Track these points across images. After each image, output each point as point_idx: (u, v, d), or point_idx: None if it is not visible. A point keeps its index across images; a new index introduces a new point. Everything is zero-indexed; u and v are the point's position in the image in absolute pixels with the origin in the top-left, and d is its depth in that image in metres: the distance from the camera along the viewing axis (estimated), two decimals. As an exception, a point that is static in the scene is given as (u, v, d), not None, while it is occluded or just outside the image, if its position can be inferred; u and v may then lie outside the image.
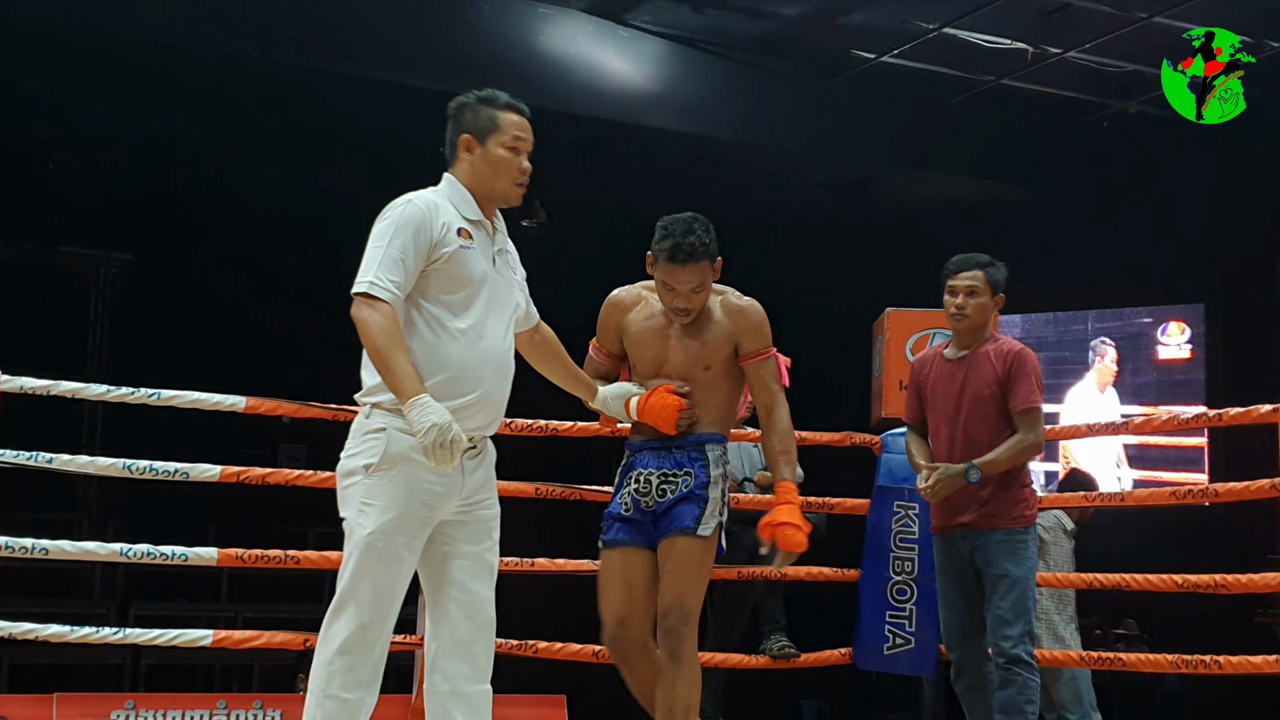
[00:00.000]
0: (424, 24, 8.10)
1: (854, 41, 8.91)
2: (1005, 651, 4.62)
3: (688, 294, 3.95)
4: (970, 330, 4.76)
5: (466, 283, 3.32)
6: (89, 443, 9.95)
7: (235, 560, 5.02)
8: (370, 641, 3.23)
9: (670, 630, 3.88)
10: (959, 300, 4.74)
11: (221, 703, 5.24)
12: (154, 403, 4.94)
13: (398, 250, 3.25)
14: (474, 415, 3.33)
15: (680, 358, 4.01)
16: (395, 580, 3.26)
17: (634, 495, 4.00)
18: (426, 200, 3.35)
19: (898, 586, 5.89)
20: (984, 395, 4.66)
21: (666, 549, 3.93)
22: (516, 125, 3.46)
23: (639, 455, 4.04)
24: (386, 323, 3.20)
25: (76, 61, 8.05)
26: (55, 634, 4.78)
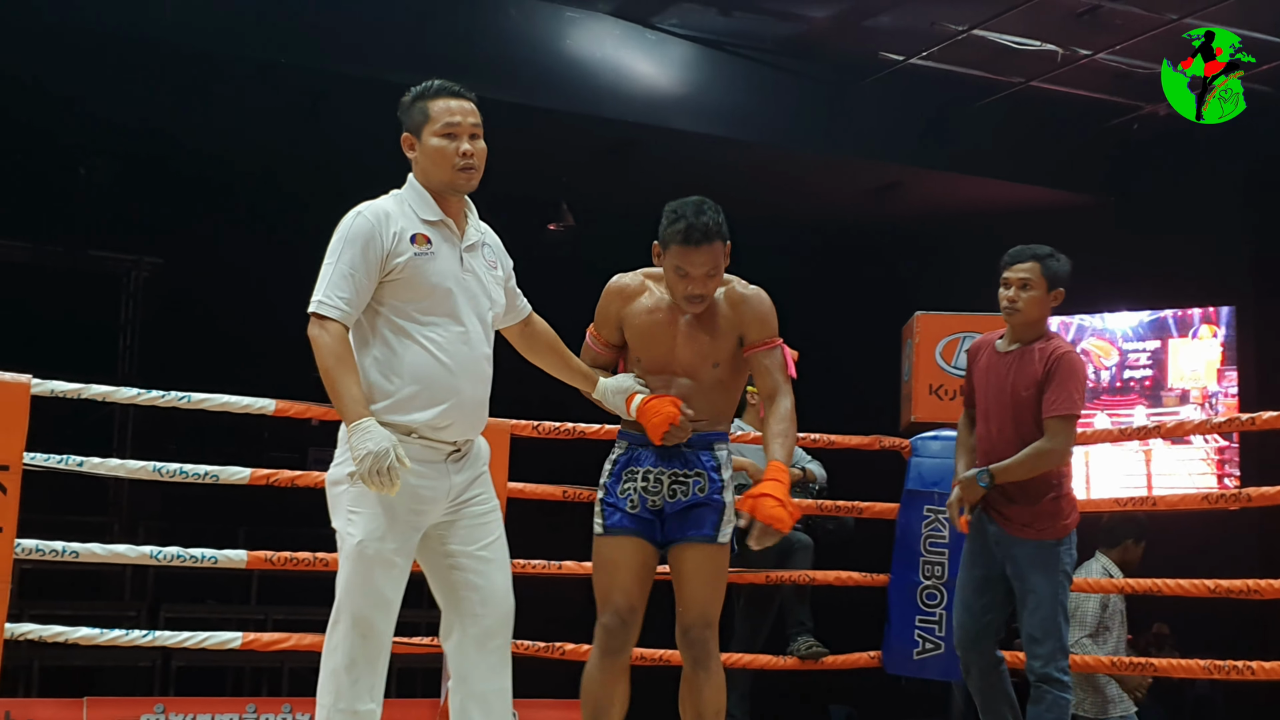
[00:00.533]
0: (451, 29, 8.11)
1: (882, 43, 8.88)
2: (1035, 670, 4.52)
3: (703, 278, 3.77)
4: (1023, 325, 4.57)
5: (429, 291, 3.26)
6: (119, 445, 10.00)
7: (265, 563, 5.04)
8: (373, 652, 3.20)
9: (697, 640, 3.79)
10: (1011, 293, 4.56)
11: (251, 706, 5.26)
12: (184, 406, 4.96)
13: (346, 265, 3.22)
14: (449, 423, 3.28)
15: (688, 355, 3.85)
16: (390, 586, 3.22)
17: (642, 494, 3.83)
18: (376, 210, 3.31)
19: (927, 591, 5.87)
20: (1022, 396, 4.51)
21: (685, 556, 3.81)
22: (449, 110, 3.34)
23: (643, 450, 3.86)
24: (333, 343, 3.19)
25: (106, 67, 8.09)
26: (85, 636, 4.80)
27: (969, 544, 4.73)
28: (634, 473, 3.85)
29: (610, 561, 3.82)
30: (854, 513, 5.97)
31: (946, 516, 5.84)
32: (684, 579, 3.81)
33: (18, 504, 4.53)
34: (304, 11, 7.92)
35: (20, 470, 4.53)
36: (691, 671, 3.80)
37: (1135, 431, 6.61)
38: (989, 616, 4.65)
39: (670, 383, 3.85)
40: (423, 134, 3.36)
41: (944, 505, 5.84)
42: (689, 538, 3.80)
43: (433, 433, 3.26)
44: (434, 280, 3.27)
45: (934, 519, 5.85)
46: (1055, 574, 4.51)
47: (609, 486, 3.88)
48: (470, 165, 3.34)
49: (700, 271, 3.75)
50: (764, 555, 6.11)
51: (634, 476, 3.84)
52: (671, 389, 3.85)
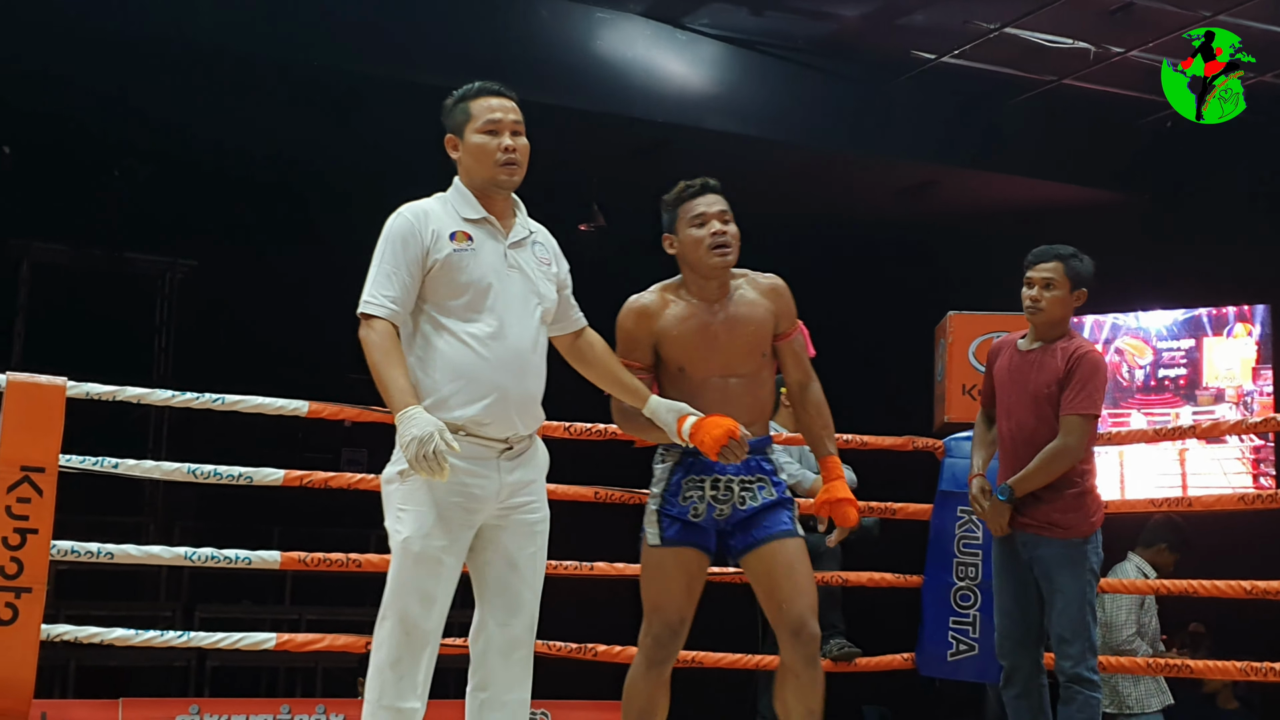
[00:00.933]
0: (483, 30, 8.12)
1: (914, 42, 8.86)
2: (1066, 671, 4.51)
3: (720, 217, 3.81)
4: (1045, 324, 4.57)
5: (467, 286, 3.28)
6: (154, 446, 10.06)
7: (298, 564, 5.06)
8: (417, 648, 3.22)
9: (812, 636, 3.77)
10: (1034, 292, 4.56)
11: (285, 707, 5.28)
12: (218, 408, 4.98)
13: (389, 265, 3.28)
14: (495, 418, 3.28)
15: (739, 347, 3.83)
16: (436, 584, 3.22)
17: (711, 501, 3.81)
18: (416, 209, 3.36)
19: (961, 592, 5.85)
20: (1043, 394, 4.50)
21: (774, 553, 3.78)
22: (489, 108, 3.39)
23: (706, 459, 3.76)
24: (381, 340, 3.24)
25: (141, 69, 8.13)
26: (121, 638, 4.83)
27: (998, 548, 4.72)
28: (698, 481, 3.82)
29: (665, 573, 3.81)
30: (887, 513, 5.95)
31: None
32: (782, 572, 3.77)
33: (54, 506, 4.56)
34: (337, 14, 7.95)
35: (56, 472, 4.56)
36: (802, 669, 3.76)
37: (1170, 432, 6.55)
38: (1030, 620, 4.64)
39: (725, 384, 3.82)
40: (465, 133, 3.40)
41: (978, 506, 5.83)
42: (775, 533, 3.78)
43: (479, 429, 3.26)
44: (473, 276, 3.29)
45: (968, 520, 5.83)
46: (1083, 573, 4.50)
47: (667, 497, 3.84)
48: (512, 160, 3.36)
49: (715, 211, 3.80)
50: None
51: (699, 485, 3.82)
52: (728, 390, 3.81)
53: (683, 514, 3.80)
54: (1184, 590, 5.38)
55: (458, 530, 3.25)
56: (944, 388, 6.38)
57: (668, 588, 3.79)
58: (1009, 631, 4.67)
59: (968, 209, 10.48)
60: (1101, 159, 9.89)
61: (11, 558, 4.47)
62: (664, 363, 3.88)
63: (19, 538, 4.48)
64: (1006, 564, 4.67)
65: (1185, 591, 5.38)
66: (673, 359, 3.85)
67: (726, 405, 3.75)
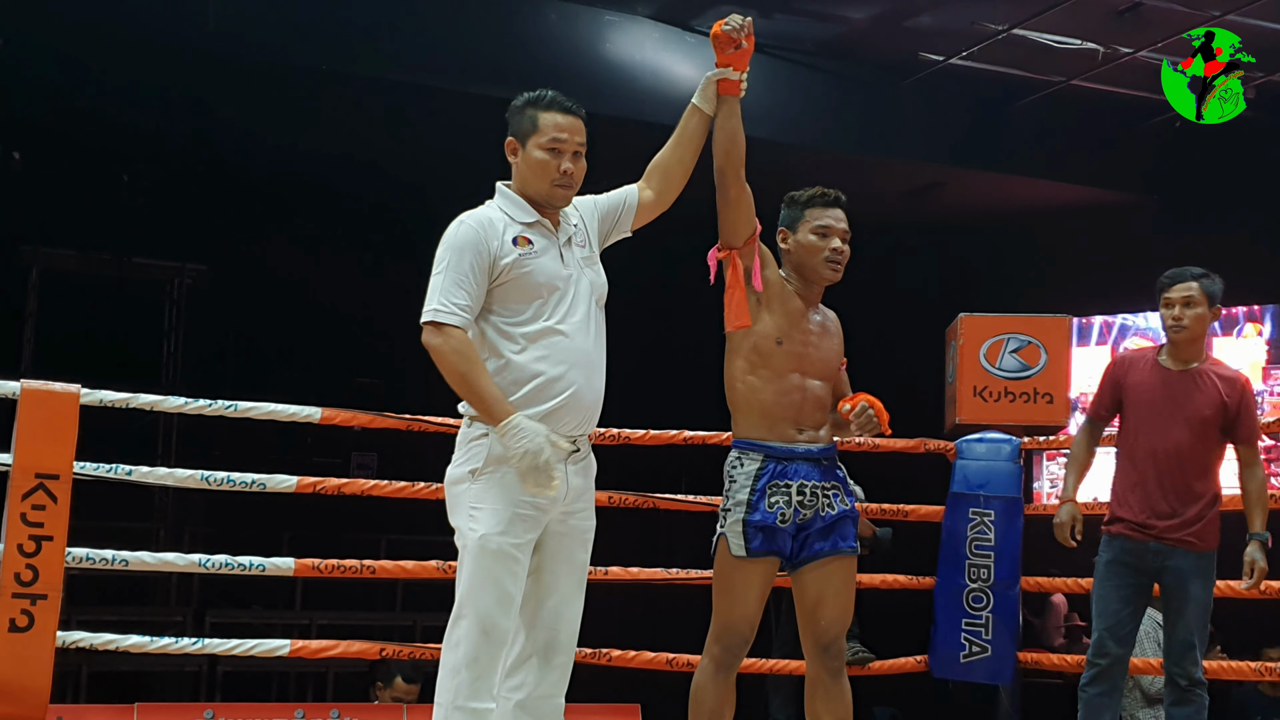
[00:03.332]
0: (493, 33, 8.12)
1: (922, 44, 8.85)
2: (1190, 674, 4.65)
3: (843, 234, 3.90)
4: (1189, 342, 4.72)
5: (537, 290, 3.29)
6: (164, 450, 10.07)
7: (312, 570, 5.06)
8: (495, 648, 3.20)
9: (840, 650, 3.86)
10: (1175, 312, 4.73)
11: (299, 712, 5.28)
12: (231, 414, 4.99)
13: (456, 272, 3.24)
14: (567, 417, 3.29)
15: (826, 351, 3.91)
16: (512, 582, 3.22)
17: (798, 507, 3.78)
18: (478, 217, 3.33)
19: (974, 594, 5.85)
20: (1205, 416, 4.65)
21: (834, 570, 3.83)
22: (557, 126, 3.37)
23: (794, 464, 3.80)
24: (461, 346, 3.20)
25: (148, 72, 8.14)
26: (135, 644, 4.84)
27: (1116, 546, 4.76)
28: (785, 486, 3.78)
29: (745, 585, 3.79)
30: (899, 515, 5.95)
31: (992, 519, 5.83)
32: (833, 591, 3.82)
33: (68, 513, 4.57)
34: (345, 19, 7.95)
35: (70, 479, 4.57)
36: (831, 681, 3.84)
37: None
38: (1134, 623, 4.79)
39: (805, 382, 3.83)
40: (528, 143, 3.38)
41: (989, 508, 5.85)
42: (840, 550, 3.83)
43: (556, 428, 3.25)
44: (540, 279, 3.29)
45: (979, 521, 5.84)
46: (1210, 583, 4.71)
47: (753, 503, 3.77)
48: (568, 184, 3.39)
49: (840, 228, 3.89)
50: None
51: (784, 490, 3.78)
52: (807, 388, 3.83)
53: (768, 520, 3.76)
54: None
55: (529, 528, 3.26)
56: (955, 389, 6.37)
57: (746, 599, 3.79)
58: (1114, 631, 4.75)
59: (976, 210, 10.47)
60: (1110, 159, 9.88)
61: (27, 565, 4.48)
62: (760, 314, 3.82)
63: (34, 545, 4.49)
64: (1128, 565, 4.74)
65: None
66: (772, 322, 3.81)
67: (804, 399, 3.81)
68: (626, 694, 5.92)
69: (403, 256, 10.64)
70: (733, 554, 3.78)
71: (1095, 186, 10.07)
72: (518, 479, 3.17)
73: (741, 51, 3.63)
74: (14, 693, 4.44)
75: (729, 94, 3.62)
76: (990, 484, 5.91)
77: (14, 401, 4.62)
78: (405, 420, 5.10)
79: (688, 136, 3.64)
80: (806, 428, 3.83)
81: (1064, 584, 6.01)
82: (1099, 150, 9.81)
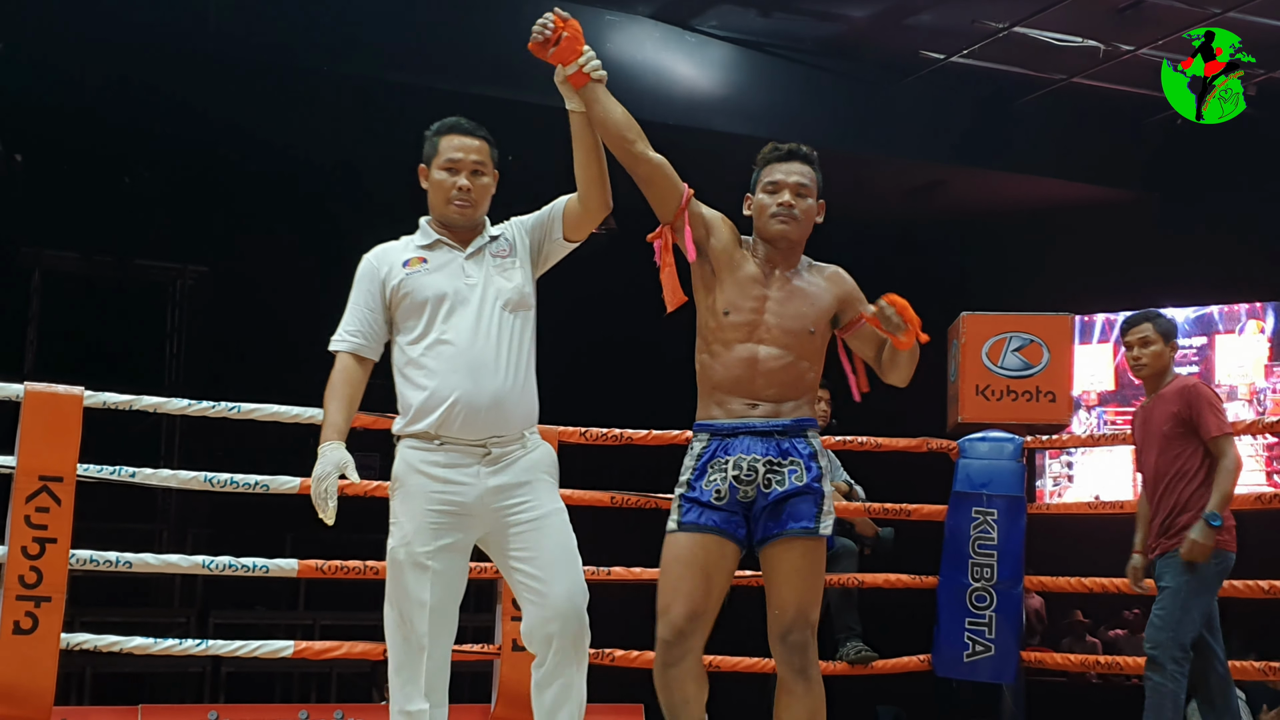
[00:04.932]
0: (492, 34, 8.12)
1: (923, 42, 8.85)
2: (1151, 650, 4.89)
3: (796, 187, 3.62)
4: (1151, 376, 5.08)
5: (423, 304, 3.45)
6: (166, 451, 10.07)
7: (315, 571, 5.07)
8: (414, 651, 3.34)
9: (799, 645, 3.48)
10: (1134, 353, 5.09)
11: (303, 713, 5.29)
12: (234, 416, 4.99)
13: (352, 303, 3.52)
14: (459, 421, 3.38)
15: (786, 313, 3.56)
16: (421, 589, 3.34)
17: (733, 483, 3.48)
18: (378, 249, 3.57)
19: (977, 593, 5.85)
20: (1164, 432, 4.96)
21: (784, 551, 3.48)
22: (452, 146, 3.53)
23: (735, 439, 3.52)
24: (334, 374, 3.47)
25: (150, 75, 8.15)
26: (139, 646, 4.84)
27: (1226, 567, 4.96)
28: (723, 463, 3.50)
29: (678, 561, 3.49)
30: (902, 515, 5.95)
31: (995, 518, 5.84)
32: (783, 577, 3.48)
33: (72, 515, 4.58)
34: (346, 21, 7.96)
35: (74, 482, 4.58)
36: (792, 681, 3.50)
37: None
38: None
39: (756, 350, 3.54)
40: (431, 167, 3.55)
41: (992, 507, 5.86)
42: (789, 531, 3.48)
43: (450, 434, 3.37)
44: (426, 293, 3.45)
45: (982, 520, 5.84)
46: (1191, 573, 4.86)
47: (691, 482, 3.53)
48: (464, 200, 3.50)
49: (791, 181, 3.64)
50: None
51: (723, 467, 3.50)
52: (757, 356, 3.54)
53: (705, 497, 3.49)
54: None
55: (441, 533, 3.36)
56: (957, 388, 6.37)
57: (679, 580, 3.47)
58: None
59: (978, 208, 10.47)
60: (1112, 157, 9.87)
61: (31, 567, 4.49)
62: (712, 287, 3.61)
63: (38, 547, 4.50)
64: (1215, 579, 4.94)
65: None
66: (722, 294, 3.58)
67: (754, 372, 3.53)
68: (630, 694, 5.92)
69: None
70: (668, 529, 3.55)
71: (1097, 184, 10.08)
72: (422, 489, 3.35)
73: (562, 46, 3.57)
74: (18, 695, 4.45)
75: (581, 85, 3.55)
76: (993, 483, 5.91)
77: (17, 404, 4.62)
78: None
79: (575, 139, 3.63)
80: (762, 400, 3.53)
81: (1067, 583, 6.01)
82: (1100, 148, 9.80)
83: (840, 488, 6.20)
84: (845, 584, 5.92)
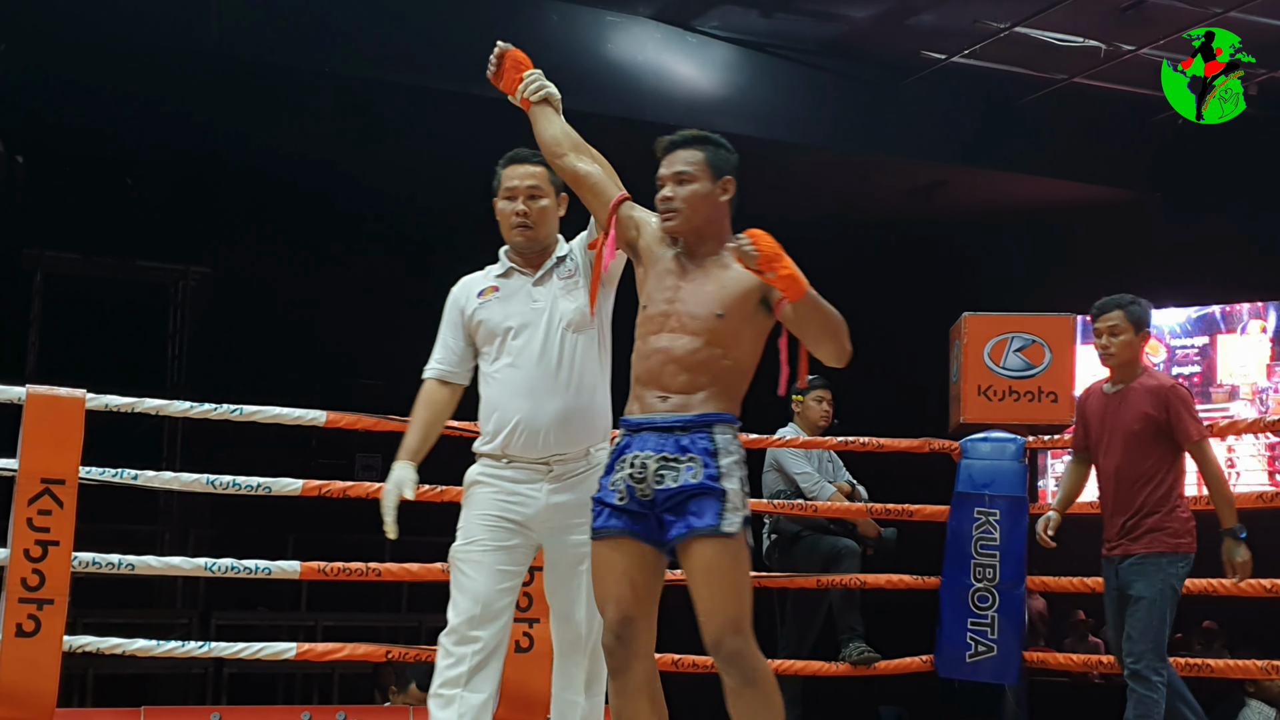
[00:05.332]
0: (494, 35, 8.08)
1: (924, 42, 8.85)
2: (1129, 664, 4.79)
3: (674, 177, 3.46)
4: (1120, 366, 4.89)
5: (494, 332, 3.66)
6: (168, 453, 10.07)
7: (317, 573, 5.06)
8: (462, 644, 3.53)
9: (733, 656, 3.20)
10: (1103, 340, 4.90)
11: (305, 715, 5.28)
12: (236, 418, 4.99)
13: (441, 332, 3.77)
14: (520, 441, 3.57)
15: (694, 300, 3.33)
16: (476, 585, 3.55)
17: (628, 481, 3.28)
18: (464, 280, 3.79)
19: (979, 594, 5.85)
20: (1134, 431, 4.80)
21: (693, 553, 3.24)
22: (510, 175, 3.72)
23: (636, 435, 3.33)
24: (419, 396, 3.75)
25: (151, 76, 8.15)
26: (142, 648, 4.84)
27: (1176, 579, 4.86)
28: (624, 460, 3.32)
29: (598, 568, 3.32)
30: (904, 515, 5.95)
31: (997, 519, 5.84)
32: (699, 581, 3.23)
33: (74, 517, 4.57)
34: (348, 22, 7.96)
35: (76, 484, 4.57)
36: (741, 688, 3.22)
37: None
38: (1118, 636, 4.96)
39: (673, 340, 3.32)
40: (497, 197, 3.74)
41: (994, 507, 5.86)
42: (693, 530, 3.23)
43: (515, 453, 3.58)
44: (495, 321, 3.66)
45: (985, 521, 5.84)
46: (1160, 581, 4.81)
47: (602, 482, 3.36)
48: (524, 223, 3.67)
49: (674, 170, 3.48)
50: (810, 561, 6.15)
51: (623, 465, 3.31)
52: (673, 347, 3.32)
53: (609, 497, 3.31)
54: (1204, 590, 5.37)
55: (502, 536, 3.58)
56: (959, 389, 6.37)
57: (604, 586, 3.30)
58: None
59: (980, 209, 10.47)
60: (1113, 157, 9.87)
61: (33, 570, 4.49)
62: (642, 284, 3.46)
63: (40, 550, 4.50)
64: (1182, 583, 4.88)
65: (1206, 591, 5.36)
66: (644, 290, 3.43)
67: (665, 361, 3.31)
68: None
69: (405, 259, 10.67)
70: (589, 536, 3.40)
71: (1099, 184, 10.07)
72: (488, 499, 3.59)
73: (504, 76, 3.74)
74: (21, 697, 4.44)
75: (528, 109, 3.70)
76: (995, 483, 5.91)
77: (19, 406, 4.62)
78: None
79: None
80: (672, 392, 3.31)
81: (1069, 583, 6.01)
82: (1102, 148, 9.80)
83: (843, 488, 6.20)
84: (848, 584, 5.92)
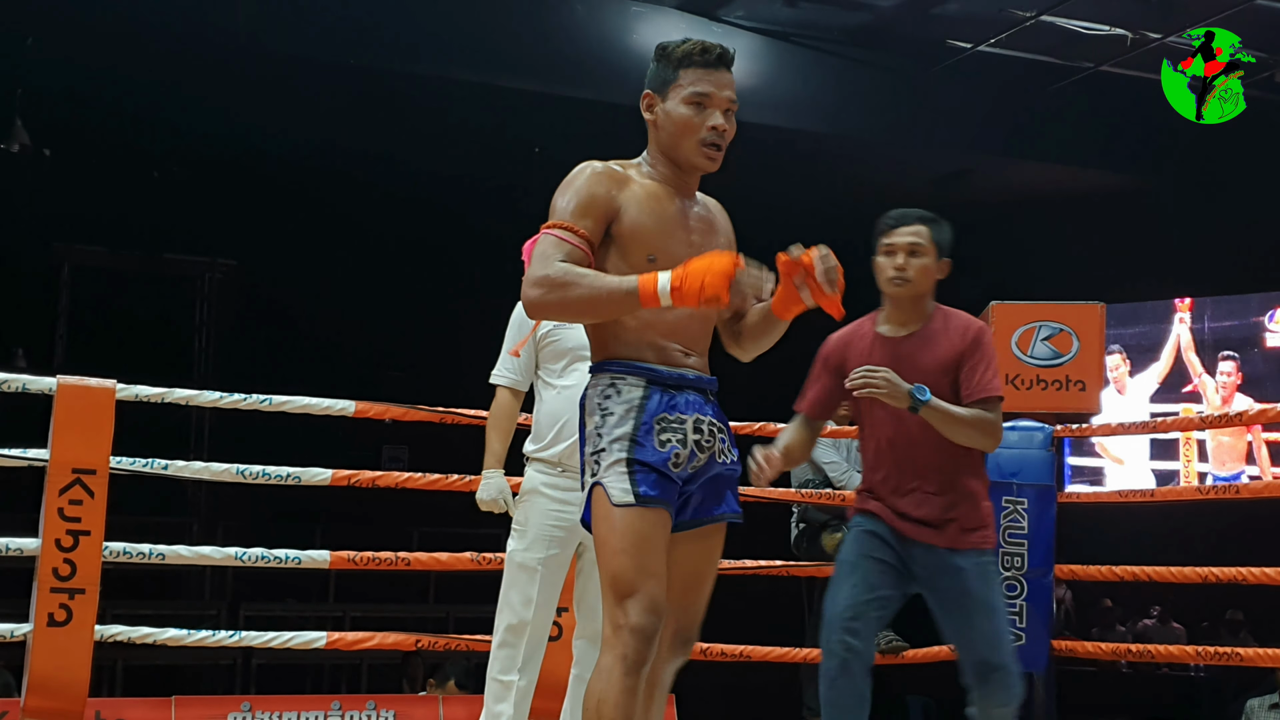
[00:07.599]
0: (519, 26, 8.14)
1: (950, 31, 8.83)
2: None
3: (727, 102, 2.92)
4: (913, 298, 3.80)
5: (564, 353, 3.98)
6: (196, 444, 10.12)
7: (347, 563, 5.07)
8: (517, 636, 3.97)
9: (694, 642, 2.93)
10: (899, 260, 3.80)
11: (335, 704, 5.30)
12: (265, 409, 5.01)
13: (507, 342, 4.10)
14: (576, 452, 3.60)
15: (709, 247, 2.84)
16: (532, 587, 3.97)
17: (694, 449, 2.79)
18: None
19: (1006, 582, 5.83)
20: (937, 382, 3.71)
21: (708, 539, 2.88)
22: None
23: (684, 394, 2.82)
24: (494, 408, 4.10)
25: (178, 69, 8.18)
26: (173, 638, 4.86)
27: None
28: (674, 421, 2.79)
29: (645, 541, 2.72)
30: (930, 504, 5.94)
31: (1025, 507, 5.83)
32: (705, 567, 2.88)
33: (105, 507, 4.59)
34: (374, 14, 7.98)
35: (107, 474, 4.59)
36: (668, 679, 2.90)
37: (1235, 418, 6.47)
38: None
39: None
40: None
41: (1022, 496, 5.84)
42: (723, 513, 2.88)
43: (572, 463, 3.80)
44: (570, 344, 3.95)
45: (1012, 510, 5.82)
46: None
47: (640, 439, 2.76)
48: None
49: (725, 95, 2.91)
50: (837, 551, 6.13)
51: (678, 426, 2.78)
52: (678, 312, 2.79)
53: (661, 463, 2.75)
54: (1234, 579, 5.35)
55: (552, 545, 3.97)
56: (986, 378, 6.35)
57: (648, 560, 2.72)
58: None
59: (1004, 197, 10.44)
60: (1139, 145, 9.83)
61: (65, 559, 4.51)
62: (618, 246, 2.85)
63: (71, 540, 4.52)
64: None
65: (1235, 580, 5.34)
66: (639, 241, 2.83)
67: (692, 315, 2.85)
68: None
69: (431, 249, 10.69)
70: (615, 501, 2.74)
71: (1124, 173, 10.04)
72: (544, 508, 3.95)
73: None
74: (53, 687, 4.47)
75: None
76: (1023, 472, 5.88)
77: (50, 397, 4.65)
78: (437, 413, 5.11)
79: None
80: (693, 351, 2.87)
81: (1098, 572, 5.99)
82: (1128, 136, 9.77)
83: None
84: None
